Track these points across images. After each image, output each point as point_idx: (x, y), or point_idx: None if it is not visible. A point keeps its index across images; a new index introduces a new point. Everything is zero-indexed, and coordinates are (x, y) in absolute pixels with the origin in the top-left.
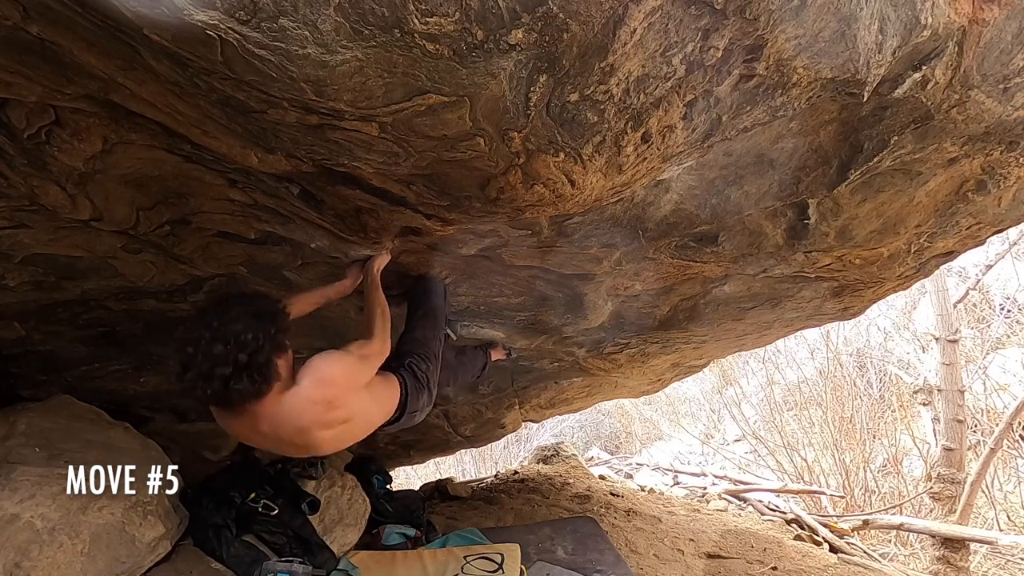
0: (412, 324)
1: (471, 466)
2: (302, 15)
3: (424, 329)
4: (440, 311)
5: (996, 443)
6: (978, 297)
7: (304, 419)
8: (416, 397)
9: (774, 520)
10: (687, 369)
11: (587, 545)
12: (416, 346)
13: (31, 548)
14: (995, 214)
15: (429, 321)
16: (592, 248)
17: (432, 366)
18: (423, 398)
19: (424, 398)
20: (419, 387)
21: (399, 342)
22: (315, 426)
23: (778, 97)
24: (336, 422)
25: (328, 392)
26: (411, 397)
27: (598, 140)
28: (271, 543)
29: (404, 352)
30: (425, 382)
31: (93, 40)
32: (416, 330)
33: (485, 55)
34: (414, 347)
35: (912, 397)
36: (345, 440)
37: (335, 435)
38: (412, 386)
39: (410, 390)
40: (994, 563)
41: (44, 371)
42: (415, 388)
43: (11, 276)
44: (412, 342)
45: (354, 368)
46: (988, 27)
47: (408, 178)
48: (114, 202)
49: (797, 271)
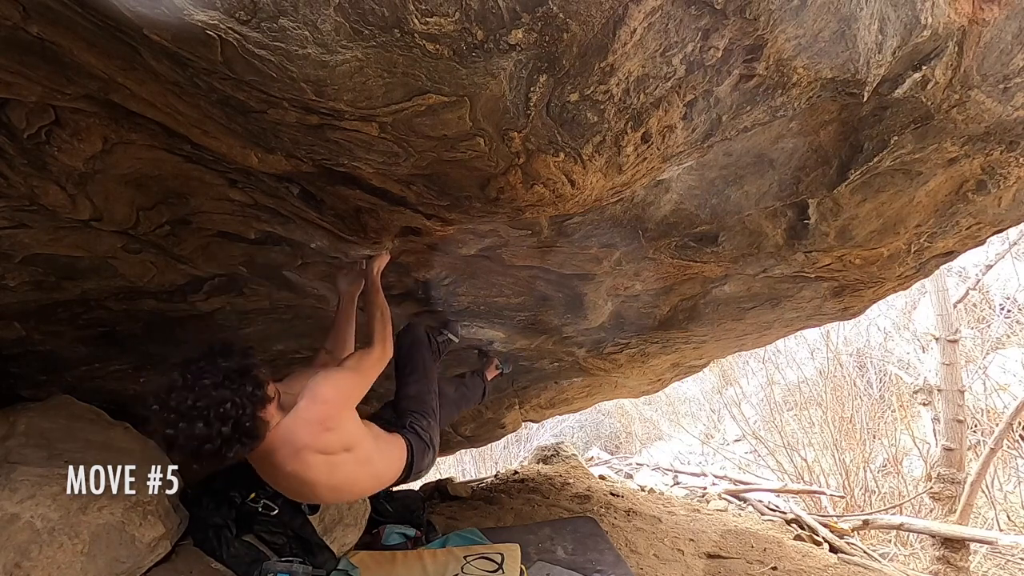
0: (404, 381)
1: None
2: (302, 15)
3: (417, 385)
4: (429, 362)
5: (996, 443)
6: (978, 297)
7: (298, 440)
8: (421, 457)
9: (774, 520)
10: (687, 369)
11: (587, 545)
12: (413, 404)
13: (31, 548)
14: (995, 214)
15: (419, 374)
16: (592, 248)
17: (432, 422)
18: (428, 457)
19: (429, 456)
20: (424, 447)
21: (395, 399)
22: (310, 448)
23: (778, 97)
24: (332, 447)
25: (320, 411)
26: (417, 458)
27: (598, 140)
28: (271, 543)
29: (403, 411)
30: (428, 440)
31: (93, 40)
32: (410, 387)
33: (485, 55)
34: (411, 405)
35: (912, 397)
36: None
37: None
38: (417, 447)
39: (416, 451)
40: (994, 563)
41: (44, 371)
42: (420, 449)
43: (11, 276)
44: (408, 400)
45: (347, 385)
46: (988, 27)
47: (408, 178)
48: (114, 202)
49: (797, 271)
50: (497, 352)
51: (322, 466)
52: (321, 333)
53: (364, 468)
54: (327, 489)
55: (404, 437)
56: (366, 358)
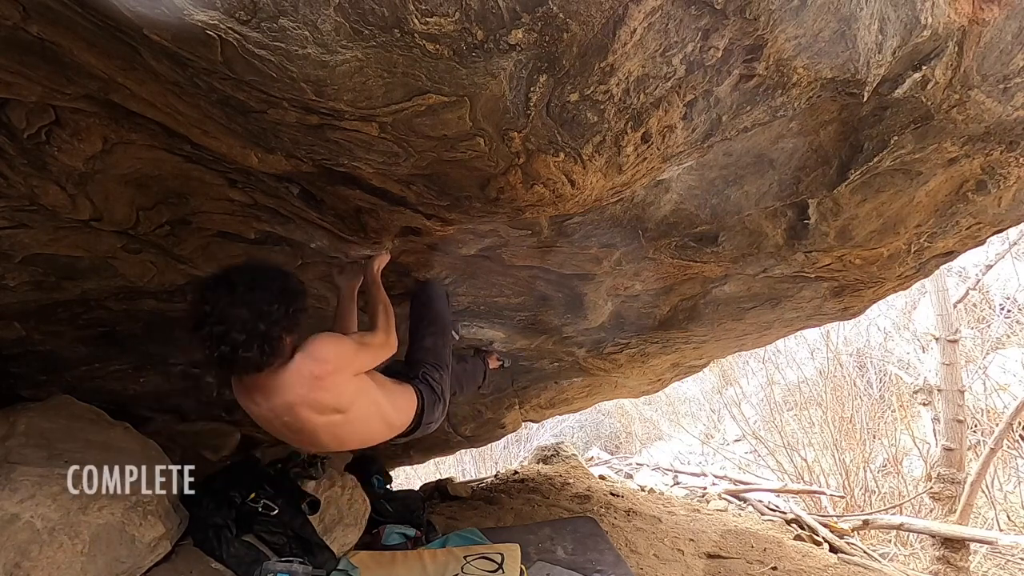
0: (420, 333)
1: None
2: (302, 15)
3: (434, 336)
4: (446, 316)
5: (996, 443)
6: (978, 297)
7: (291, 394)
8: (432, 408)
9: (774, 520)
10: (687, 369)
11: (587, 545)
12: (427, 355)
13: (31, 548)
14: (995, 214)
15: (437, 327)
16: (592, 248)
17: (444, 375)
18: (438, 409)
19: (439, 409)
20: (435, 398)
21: (409, 351)
22: (301, 404)
23: (778, 97)
24: (326, 408)
25: (316, 368)
26: (427, 408)
27: (598, 140)
28: (271, 543)
29: (416, 361)
30: (440, 392)
31: (93, 40)
32: (425, 338)
33: (485, 55)
34: (425, 356)
35: (912, 397)
36: (345, 437)
37: (329, 425)
38: (428, 398)
39: (426, 402)
40: (994, 563)
41: (44, 371)
42: (431, 400)
43: (11, 276)
44: (423, 351)
45: (349, 351)
46: (988, 27)
47: (408, 178)
48: (114, 202)
49: (797, 271)
50: (497, 351)
51: (316, 420)
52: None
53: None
54: (330, 438)
55: (415, 387)
56: (369, 337)
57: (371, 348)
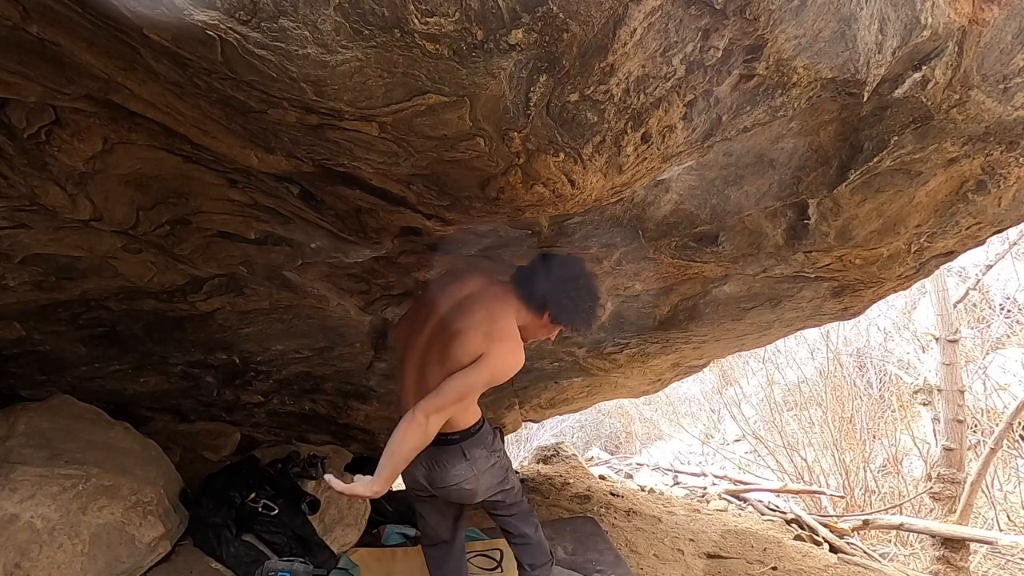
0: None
1: None
2: (302, 15)
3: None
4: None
5: (996, 443)
6: (978, 297)
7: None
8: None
9: (774, 520)
10: (687, 369)
11: (587, 545)
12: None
13: (31, 548)
14: (995, 214)
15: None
16: (592, 248)
17: (517, 506)
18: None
19: (488, 474)
20: (493, 458)
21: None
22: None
23: (778, 97)
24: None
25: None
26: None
27: (598, 140)
28: (271, 543)
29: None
30: (505, 468)
31: (93, 40)
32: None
33: (485, 55)
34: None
35: (912, 397)
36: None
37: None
38: (489, 440)
39: (482, 432)
40: (994, 563)
41: (44, 371)
42: (489, 448)
43: (11, 276)
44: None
45: (475, 382)
46: (988, 27)
47: (408, 178)
48: (114, 202)
49: (797, 271)
50: None
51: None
52: (321, 333)
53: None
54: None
55: (493, 433)
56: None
57: (448, 408)
